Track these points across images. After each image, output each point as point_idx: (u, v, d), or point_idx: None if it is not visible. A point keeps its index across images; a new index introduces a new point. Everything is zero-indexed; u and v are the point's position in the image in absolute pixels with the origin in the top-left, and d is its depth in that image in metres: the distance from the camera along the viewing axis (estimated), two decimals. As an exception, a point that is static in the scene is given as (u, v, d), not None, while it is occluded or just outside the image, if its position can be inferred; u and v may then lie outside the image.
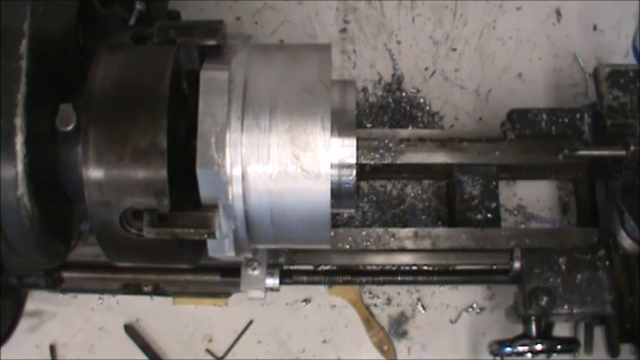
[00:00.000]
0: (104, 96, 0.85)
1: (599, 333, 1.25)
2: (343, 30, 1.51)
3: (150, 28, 0.91)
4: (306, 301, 1.39)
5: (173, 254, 0.92)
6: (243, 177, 0.86)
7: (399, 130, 1.37)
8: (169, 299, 1.37)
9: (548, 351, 1.20)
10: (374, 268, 1.28)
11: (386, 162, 1.31)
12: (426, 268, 1.27)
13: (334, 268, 1.28)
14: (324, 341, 1.38)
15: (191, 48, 0.91)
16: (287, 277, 1.23)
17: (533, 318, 1.21)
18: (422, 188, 1.41)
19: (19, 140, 0.83)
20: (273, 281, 1.20)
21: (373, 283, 1.29)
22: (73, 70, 0.94)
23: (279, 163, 0.86)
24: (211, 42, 0.88)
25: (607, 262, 1.22)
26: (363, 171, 1.33)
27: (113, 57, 0.88)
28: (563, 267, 1.22)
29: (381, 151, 1.31)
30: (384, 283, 1.28)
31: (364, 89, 1.47)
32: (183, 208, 0.85)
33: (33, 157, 0.84)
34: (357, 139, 0.93)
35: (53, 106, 0.87)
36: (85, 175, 0.84)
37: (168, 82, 0.84)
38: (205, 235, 0.84)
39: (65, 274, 1.25)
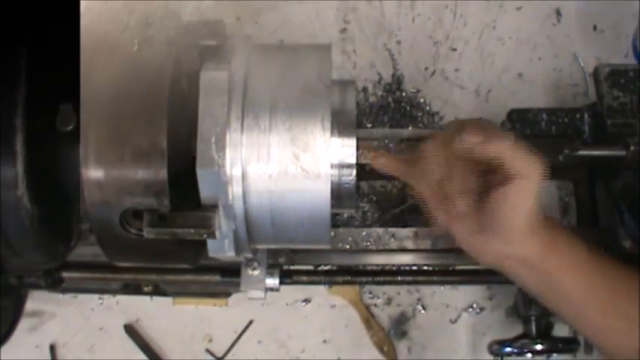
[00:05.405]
0: (104, 96, 0.85)
1: (599, 333, 1.25)
2: (343, 30, 1.51)
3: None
4: (306, 301, 1.39)
5: (173, 254, 0.92)
6: (243, 177, 0.86)
7: (399, 130, 1.37)
8: (169, 299, 1.37)
9: (548, 351, 1.19)
10: (374, 268, 1.28)
11: (386, 162, 1.31)
12: (426, 268, 1.27)
13: (334, 268, 1.27)
14: (324, 341, 1.38)
15: (191, 48, 0.91)
16: (287, 277, 1.23)
17: (533, 318, 1.21)
18: (422, 188, 1.41)
19: (19, 140, 0.83)
20: (273, 281, 1.19)
21: (373, 283, 1.29)
22: (73, 70, 0.94)
23: (279, 163, 0.85)
24: (211, 42, 0.88)
25: (607, 262, 1.22)
26: (363, 171, 1.32)
27: (113, 57, 0.88)
28: (564, 267, 1.22)
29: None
30: (384, 283, 1.28)
31: (364, 89, 1.47)
32: (183, 208, 0.85)
33: (33, 157, 0.84)
34: (357, 139, 0.93)
35: (53, 106, 0.87)
36: (85, 175, 0.84)
37: (168, 82, 0.84)
38: (205, 235, 0.84)
39: (65, 274, 1.25)
